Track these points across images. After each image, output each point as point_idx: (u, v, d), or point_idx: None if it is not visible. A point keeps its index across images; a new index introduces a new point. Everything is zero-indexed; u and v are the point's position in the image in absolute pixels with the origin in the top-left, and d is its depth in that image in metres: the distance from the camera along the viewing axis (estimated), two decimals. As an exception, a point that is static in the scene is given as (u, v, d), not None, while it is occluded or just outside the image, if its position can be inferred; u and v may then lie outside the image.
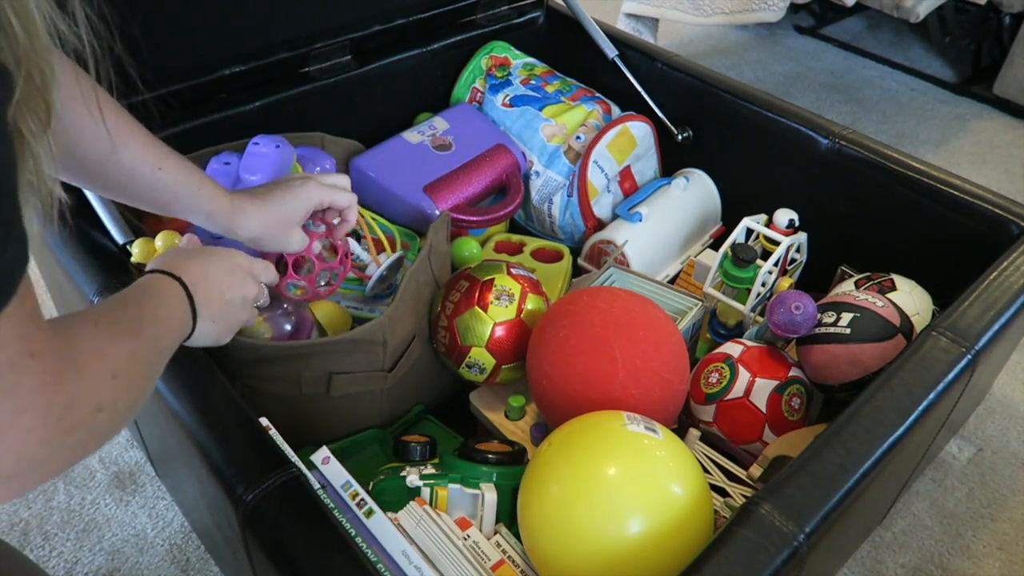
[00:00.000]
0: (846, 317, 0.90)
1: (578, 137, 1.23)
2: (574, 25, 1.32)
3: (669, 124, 1.26)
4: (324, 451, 0.76)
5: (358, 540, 0.68)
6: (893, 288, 1.01)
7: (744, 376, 0.91)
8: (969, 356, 0.78)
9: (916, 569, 1.05)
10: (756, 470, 0.84)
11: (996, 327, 0.81)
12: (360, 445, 0.92)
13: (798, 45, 2.36)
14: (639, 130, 1.24)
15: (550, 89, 1.30)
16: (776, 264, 1.04)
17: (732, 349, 0.95)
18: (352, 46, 1.19)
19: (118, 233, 0.87)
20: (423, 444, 0.86)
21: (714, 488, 0.80)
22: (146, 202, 0.73)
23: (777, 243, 1.04)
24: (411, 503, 0.75)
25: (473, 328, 0.91)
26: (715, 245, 1.27)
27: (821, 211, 1.13)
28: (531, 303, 0.93)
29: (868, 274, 1.06)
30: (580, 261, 1.21)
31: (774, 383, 0.90)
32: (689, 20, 1.78)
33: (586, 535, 0.67)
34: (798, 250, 1.11)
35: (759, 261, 1.02)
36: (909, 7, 1.84)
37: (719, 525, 0.69)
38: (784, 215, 1.07)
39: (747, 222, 1.07)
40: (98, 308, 0.52)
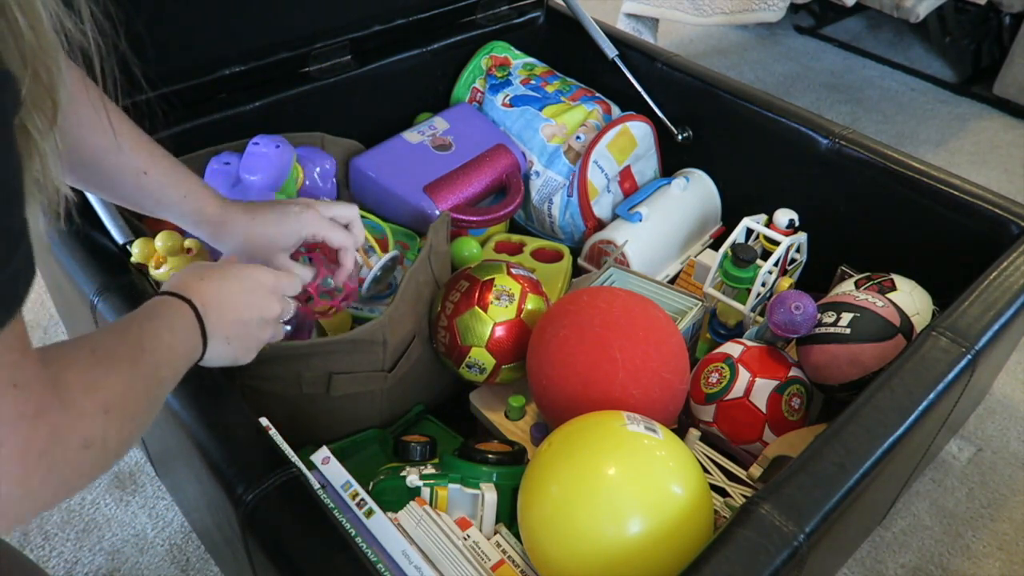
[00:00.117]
0: (846, 317, 0.90)
1: (578, 137, 1.23)
2: (574, 25, 1.32)
3: (669, 124, 1.26)
4: (324, 451, 0.76)
5: (358, 540, 0.68)
6: (893, 288, 1.01)
7: (744, 376, 0.91)
8: (969, 356, 0.78)
9: (916, 569, 1.05)
10: (756, 470, 0.84)
11: (996, 327, 0.81)
12: (360, 445, 0.92)
13: (798, 45, 2.36)
14: (639, 130, 1.24)
15: (550, 89, 1.30)
16: (776, 264, 1.04)
17: (732, 349, 0.95)
18: (352, 46, 1.19)
19: (118, 233, 0.87)
20: (423, 444, 0.86)
21: (714, 488, 0.80)
22: (134, 205, 0.73)
23: (777, 243, 1.04)
24: (411, 503, 0.75)
25: (473, 328, 0.91)
26: (715, 245, 1.27)
27: (821, 211, 1.13)
28: (531, 303, 0.93)
29: (868, 274, 1.06)
30: (580, 261, 1.21)
31: (774, 383, 0.90)
32: (689, 20, 1.78)
33: (586, 535, 0.67)
34: (798, 250, 1.11)
35: (759, 261, 1.02)
36: (909, 7, 1.84)
37: (719, 525, 0.69)
38: (784, 215, 1.07)
39: (747, 222, 1.07)
40: (97, 335, 0.50)
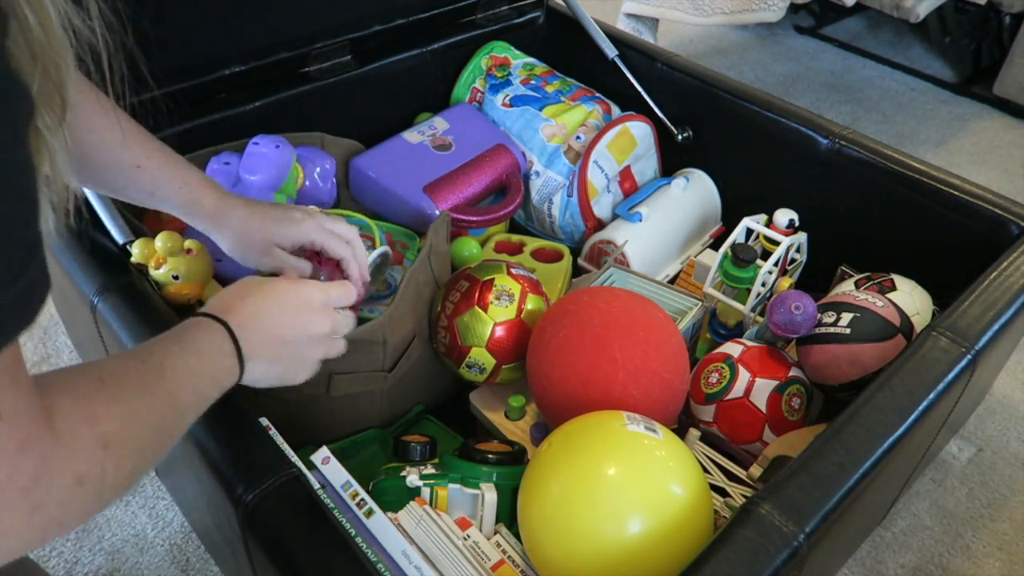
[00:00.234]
0: (846, 317, 0.90)
1: (578, 137, 1.23)
2: (574, 25, 1.32)
3: (669, 124, 1.26)
4: (324, 451, 0.76)
5: (358, 540, 0.68)
6: (893, 288, 1.01)
7: (744, 376, 0.91)
8: (969, 356, 0.78)
9: (916, 569, 1.05)
10: (756, 470, 0.84)
11: (996, 327, 0.81)
12: (360, 445, 0.92)
13: (798, 45, 2.36)
14: (639, 130, 1.24)
15: (550, 89, 1.30)
16: (776, 264, 1.04)
17: (732, 349, 0.95)
18: (352, 46, 1.19)
19: (118, 233, 0.87)
20: (423, 444, 0.86)
21: (714, 488, 0.80)
22: (129, 198, 0.73)
23: (777, 243, 1.04)
24: (411, 503, 0.75)
25: (473, 328, 0.91)
26: (715, 245, 1.27)
27: (821, 211, 1.13)
28: (531, 303, 0.93)
29: (868, 274, 1.06)
30: (580, 261, 1.21)
31: (774, 383, 0.90)
32: (689, 20, 1.78)
33: (586, 535, 0.67)
34: (798, 250, 1.11)
35: (759, 261, 1.02)
36: (909, 7, 1.84)
37: (719, 525, 0.69)
38: (784, 215, 1.07)
39: (747, 222, 1.07)
40: (111, 359, 0.48)
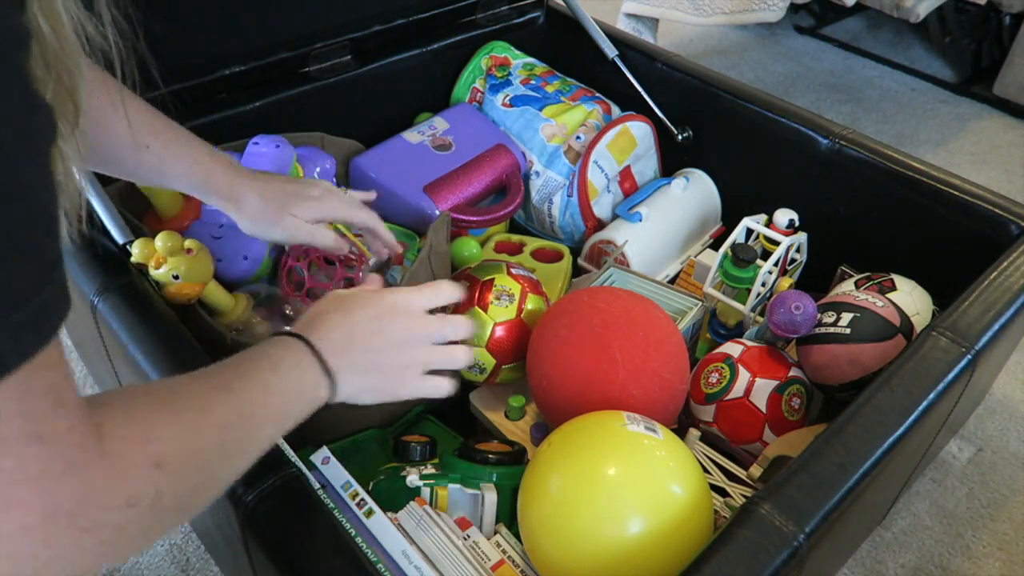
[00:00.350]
0: (846, 317, 0.90)
1: (578, 137, 1.23)
2: (574, 25, 1.32)
3: (669, 124, 1.26)
4: (324, 451, 0.76)
5: (358, 540, 0.68)
6: (893, 288, 1.01)
7: (744, 376, 0.91)
8: (969, 356, 0.78)
9: (916, 569, 1.05)
10: (756, 470, 0.84)
11: (996, 327, 0.81)
12: (360, 445, 0.92)
13: (798, 45, 2.36)
14: (639, 130, 1.24)
15: (550, 89, 1.30)
16: (776, 264, 1.04)
17: (732, 349, 0.95)
18: (352, 46, 1.19)
19: (118, 233, 0.87)
20: (423, 444, 0.86)
21: (714, 488, 0.80)
22: (140, 179, 0.73)
23: (777, 243, 1.04)
24: (411, 503, 0.75)
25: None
26: (715, 245, 1.27)
27: (821, 211, 1.13)
28: (531, 303, 0.93)
29: (868, 274, 1.06)
30: (580, 261, 1.21)
31: (774, 383, 0.90)
32: (689, 20, 1.78)
33: (586, 535, 0.67)
34: (798, 250, 1.11)
35: (759, 261, 1.02)
36: (909, 7, 1.84)
37: (719, 525, 0.69)
38: (784, 215, 1.07)
39: (747, 222, 1.07)
40: (172, 379, 0.46)
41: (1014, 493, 1.15)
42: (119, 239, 0.87)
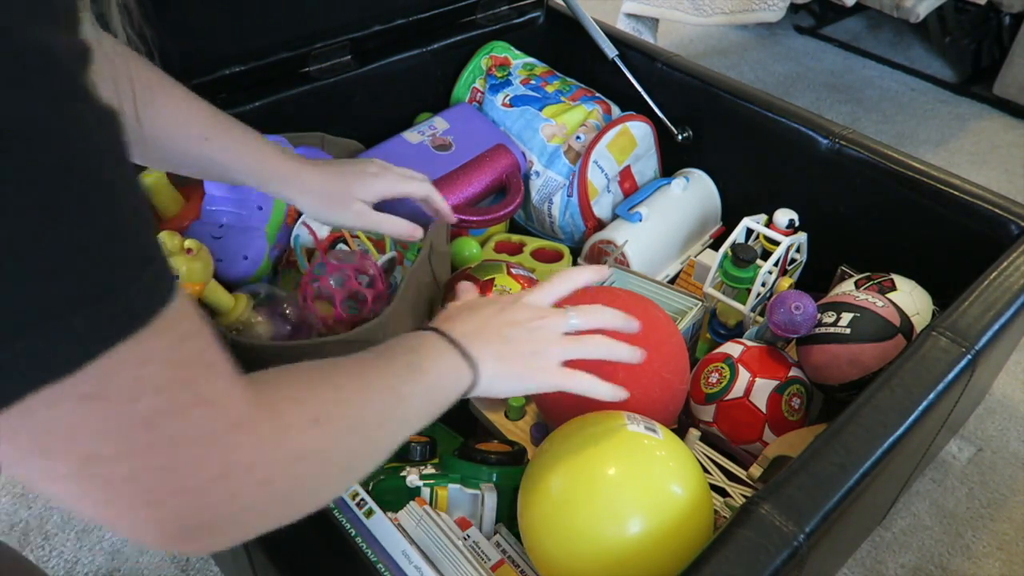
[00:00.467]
0: (846, 317, 0.90)
1: (578, 137, 1.23)
2: (574, 25, 1.32)
3: (669, 124, 1.26)
4: (324, 451, 0.76)
5: (358, 540, 0.68)
6: (893, 288, 1.01)
7: (744, 376, 0.91)
8: (969, 356, 0.78)
9: (916, 569, 1.05)
10: (756, 470, 0.84)
11: (996, 327, 0.81)
12: (360, 445, 0.92)
13: (798, 45, 2.36)
14: (639, 130, 1.24)
15: (550, 89, 1.30)
16: (776, 264, 1.04)
17: (732, 349, 0.95)
18: (352, 46, 1.19)
19: (118, 233, 0.87)
20: (423, 444, 0.85)
21: (714, 488, 0.80)
22: (200, 172, 0.73)
23: (777, 243, 1.04)
24: (411, 503, 0.75)
25: (473, 328, 0.90)
26: (715, 245, 1.27)
27: (821, 211, 1.13)
28: (531, 303, 0.93)
29: (868, 274, 1.06)
30: (580, 261, 1.21)
31: (774, 383, 0.90)
32: (689, 20, 1.78)
33: (586, 535, 0.67)
34: (798, 250, 1.11)
35: (759, 261, 1.02)
36: (909, 7, 1.84)
37: (719, 525, 0.69)
38: (784, 215, 1.07)
39: (747, 222, 1.07)
40: (317, 361, 0.48)
41: (1014, 493, 1.15)
42: (119, 239, 0.87)
